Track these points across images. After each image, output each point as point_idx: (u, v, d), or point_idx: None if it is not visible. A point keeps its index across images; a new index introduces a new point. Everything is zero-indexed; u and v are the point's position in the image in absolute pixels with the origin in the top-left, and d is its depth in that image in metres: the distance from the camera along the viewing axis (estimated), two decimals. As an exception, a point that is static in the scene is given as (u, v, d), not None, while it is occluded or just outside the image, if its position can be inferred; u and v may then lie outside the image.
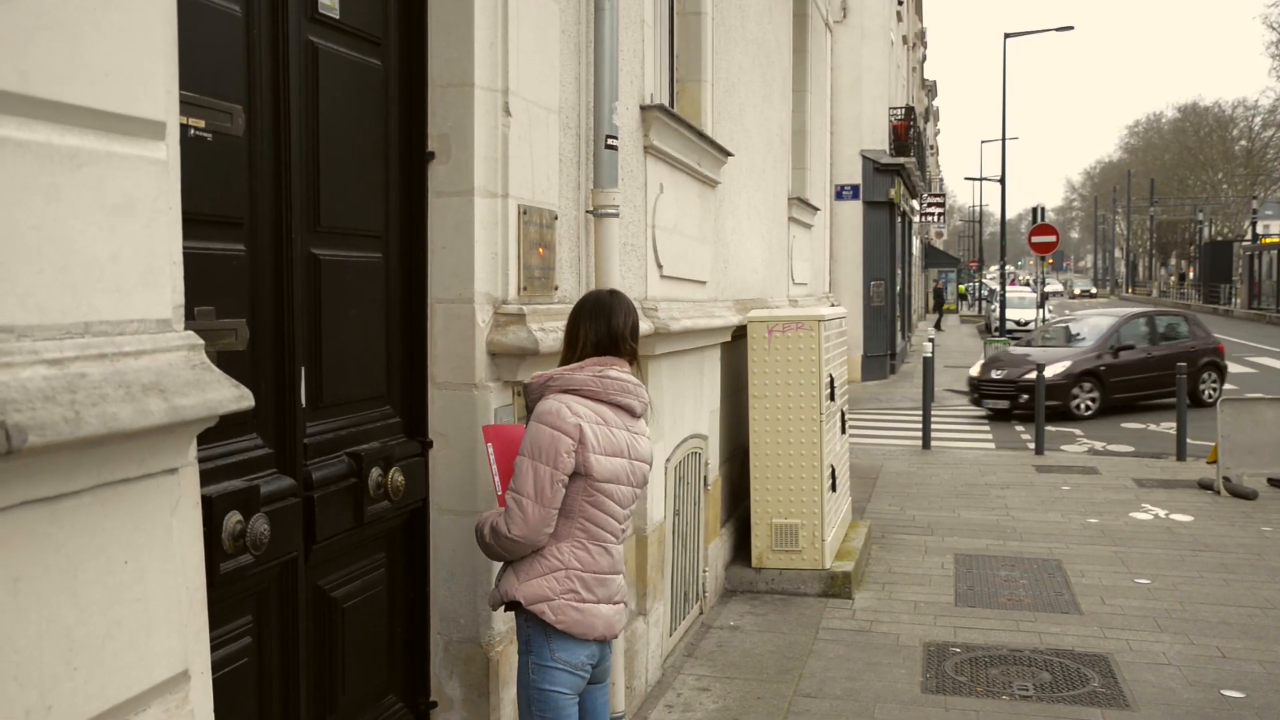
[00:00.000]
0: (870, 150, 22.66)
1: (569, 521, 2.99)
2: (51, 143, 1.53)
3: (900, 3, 28.34)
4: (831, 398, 7.01)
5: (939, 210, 39.22)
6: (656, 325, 4.90)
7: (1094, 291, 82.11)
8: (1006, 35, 31.54)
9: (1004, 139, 32.43)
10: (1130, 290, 78.50)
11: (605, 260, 4.21)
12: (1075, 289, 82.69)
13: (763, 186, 8.20)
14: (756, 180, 7.93)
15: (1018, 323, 31.34)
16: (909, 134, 25.05)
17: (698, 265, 6.09)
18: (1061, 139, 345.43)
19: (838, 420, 7.43)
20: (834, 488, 7.12)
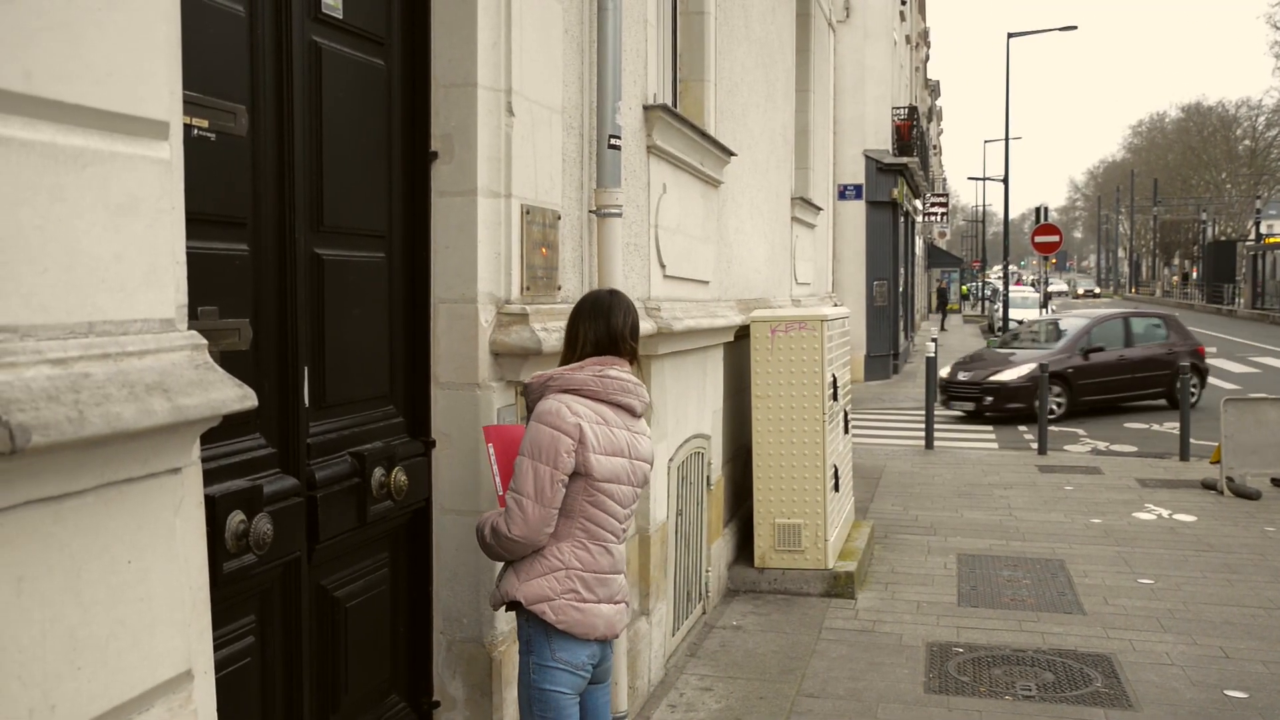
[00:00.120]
0: (873, 150, 22.65)
1: (569, 521, 2.99)
2: (55, 143, 1.53)
3: (903, 2, 28.31)
4: (834, 398, 7.01)
5: (942, 210, 39.18)
6: (659, 325, 4.90)
7: (1097, 291, 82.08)
8: (1010, 35, 31.55)
9: (1007, 139, 32.44)
10: (1134, 290, 78.43)
11: (608, 260, 4.21)
12: (1079, 289, 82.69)
13: (766, 186, 8.19)
14: (759, 180, 7.93)
15: (1020, 323, 31.31)
16: (912, 134, 25.04)
17: (701, 265, 6.09)
18: (1065, 139, 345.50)
19: (841, 420, 7.43)
20: (837, 488, 7.11)
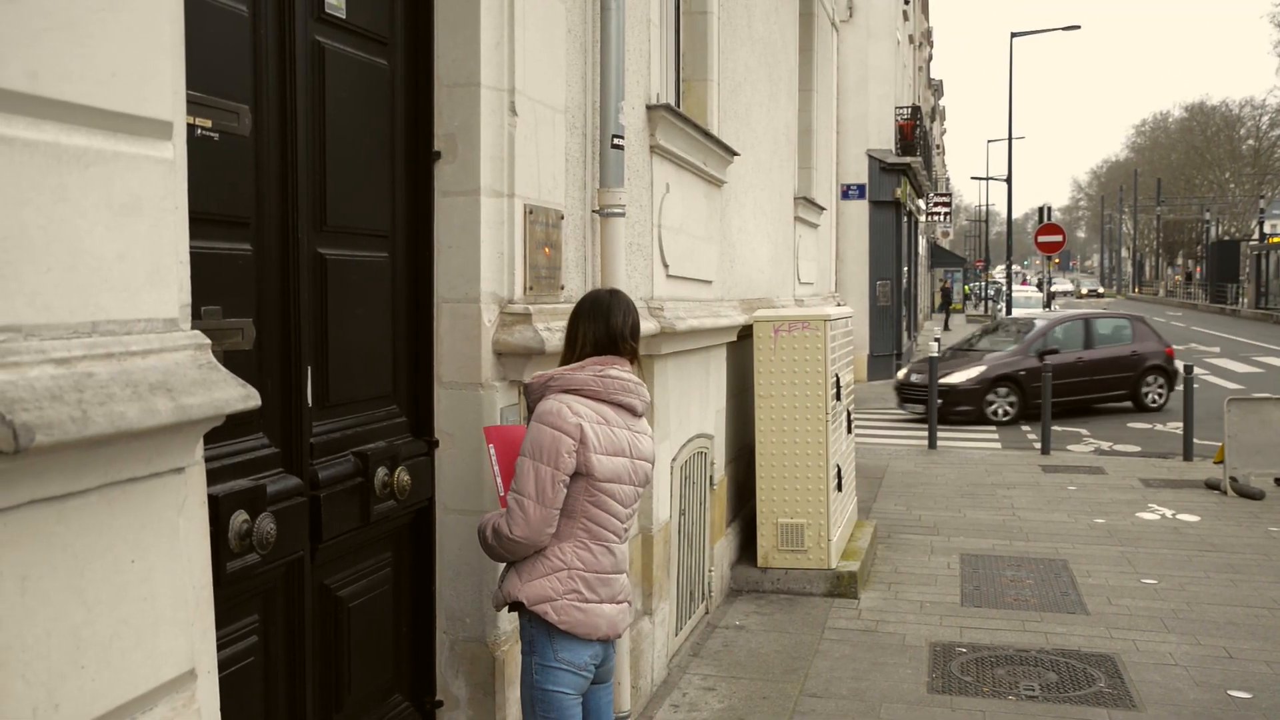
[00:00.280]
0: (876, 150, 22.64)
1: (571, 521, 2.99)
2: (59, 142, 1.53)
3: (906, 2, 28.31)
4: (838, 397, 7.01)
5: (945, 210, 39.18)
6: (662, 325, 4.89)
7: (1101, 291, 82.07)
8: (1013, 34, 31.58)
9: (1010, 138, 32.43)
10: (1137, 290, 78.37)
11: (611, 260, 4.21)
12: (1083, 289, 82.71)
13: (769, 186, 8.19)
14: (763, 180, 7.92)
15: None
16: (915, 133, 25.04)
17: (704, 265, 6.09)
18: (1068, 138, 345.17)
19: (844, 420, 7.42)
20: (840, 487, 7.11)
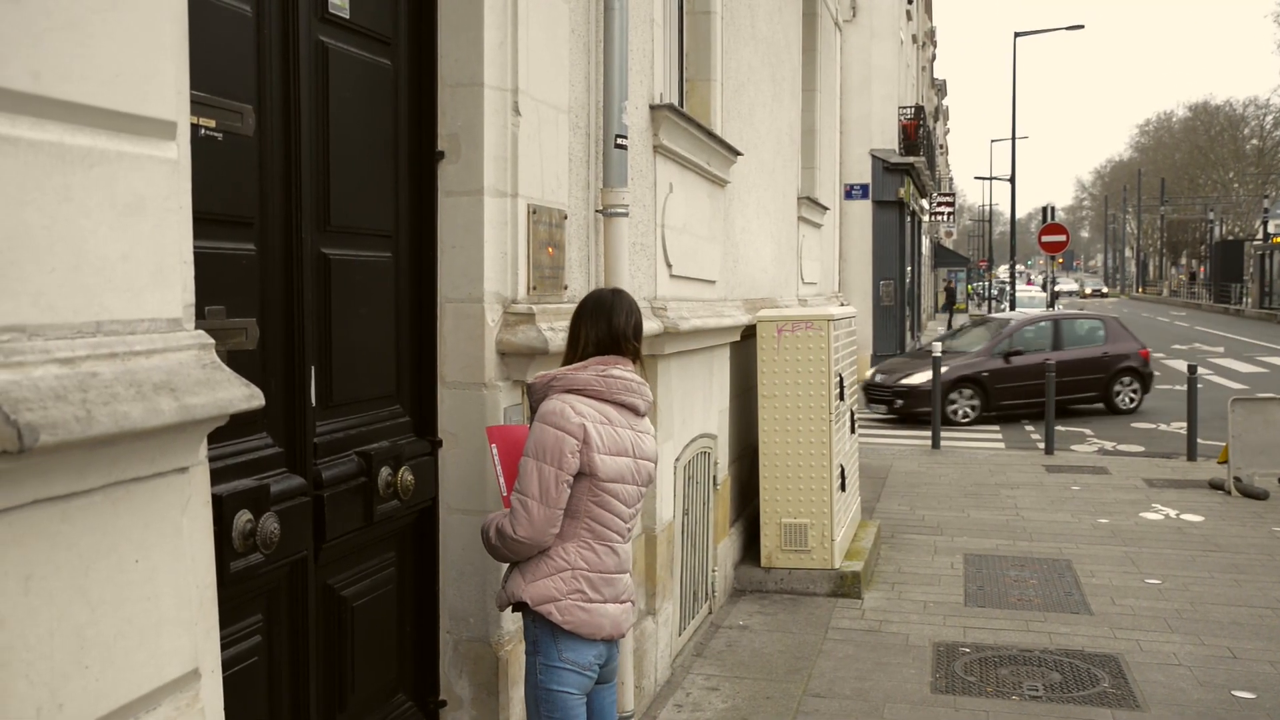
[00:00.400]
0: (880, 149, 22.64)
1: (574, 521, 2.98)
2: (63, 142, 1.53)
3: (910, 1, 28.29)
4: (841, 397, 7.01)
5: (948, 209, 39.15)
6: (666, 324, 4.89)
7: (1105, 291, 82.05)
8: (1016, 34, 31.57)
9: (1014, 138, 32.42)
10: (1140, 290, 78.32)
11: (614, 259, 4.21)
12: (1087, 289, 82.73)
13: (772, 186, 8.18)
14: (766, 179, 7.92)
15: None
16: (918, 133, 25.03)
17: (707, 265, 6.08)
18: (1072, 138, 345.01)
19: (847, 420, 7.42)
20: (843, 487, 7.11)
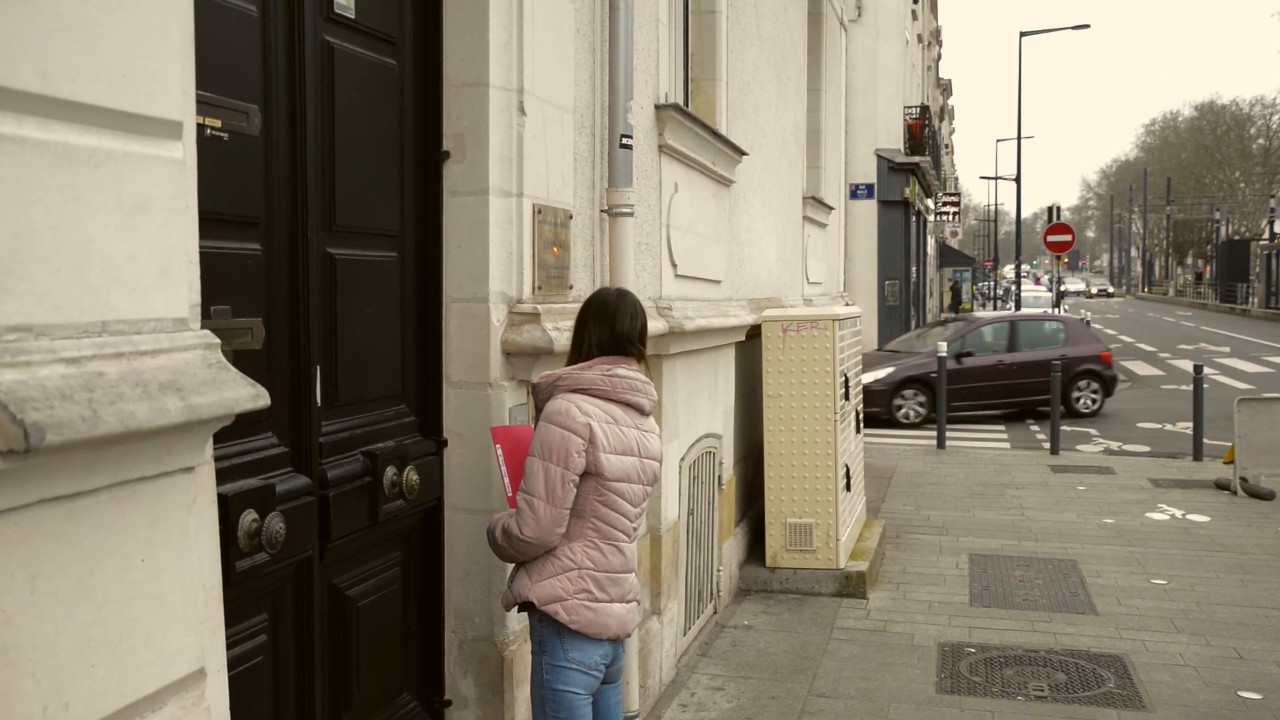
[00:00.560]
0: (885, 149, 22.63)
1: (581, 521, 2.98)
2: (69, 142, 1.54)
3: (915, 1, 28.25)
4: (846, 397, 7.00)
5: (954, 209, 39.11)
6: (671, 324, 4.89)
7: (1111, 291, 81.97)
8: (1022, 34, 31.52)
9: (1019, 138, 32.36)
10: (1146, 290, 78.19)
11: (620, 259, 4.21)
12: (1093, 289, 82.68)
13: (777, 185, 8.18)
14: (771, 179, 7.91)
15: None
16: (924, 133, 25.01)
17: (712, 264, 6.08)
18: (1077, 138, 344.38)
19: (852, 419, 7.41)
20: (848, 487, 7.10)
